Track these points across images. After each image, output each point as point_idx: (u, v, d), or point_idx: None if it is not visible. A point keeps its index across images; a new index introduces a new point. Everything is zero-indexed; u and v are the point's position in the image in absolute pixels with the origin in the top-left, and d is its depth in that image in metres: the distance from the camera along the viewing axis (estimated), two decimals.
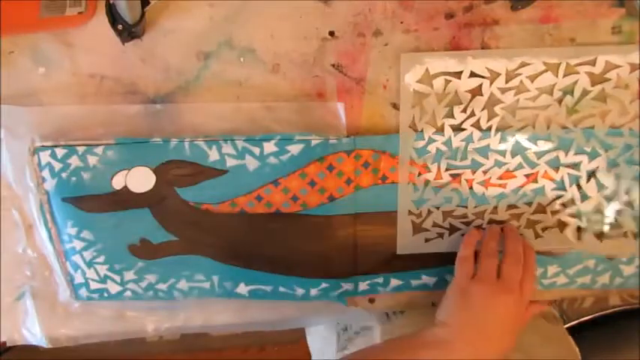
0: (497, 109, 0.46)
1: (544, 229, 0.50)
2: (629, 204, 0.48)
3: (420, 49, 0.45)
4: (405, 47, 0.45)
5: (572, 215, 0.49)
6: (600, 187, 0.48)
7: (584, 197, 0.48)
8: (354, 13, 0.44)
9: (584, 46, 0.44)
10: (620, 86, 0.44)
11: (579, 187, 0.48)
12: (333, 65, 0.46)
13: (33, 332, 0.54)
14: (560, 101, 0.45)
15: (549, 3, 0.44)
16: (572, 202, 0.49)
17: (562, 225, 0.50)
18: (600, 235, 0.50)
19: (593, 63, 0.44)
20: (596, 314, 0.88)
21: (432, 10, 0.44)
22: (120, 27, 0.41)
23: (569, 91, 0.45)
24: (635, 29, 0.44)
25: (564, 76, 0.44)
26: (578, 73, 0.44)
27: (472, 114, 0.46)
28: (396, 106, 0.46)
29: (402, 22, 0.44)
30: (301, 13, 0.44)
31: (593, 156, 0.47)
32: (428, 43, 0.45)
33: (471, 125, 0.46)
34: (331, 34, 0.45)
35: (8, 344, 0.54)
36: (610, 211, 0.48)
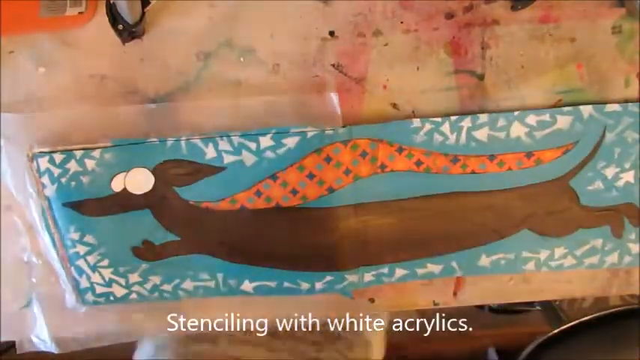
0: None
1: None
2: None
3: (420, 48, 0.45)
4: (405, 47, 0.45)
5: None
6: None
7: None
8: (354, 13, 0.44)
9: None
10: None
11: None
12: (333, 65, 0.46)
13: (42, 339, 0.53)
14: None
15: (549, 3, 0.44)
16: None
17: None
18: None
19: None
20: (596, 314, 0.88)
21: (432, 10, 0.44)
22: (120, 27, 0.41)
23: None
24: (635, 29, 0.45)
25: None
26: None
27: None
28: (396, 106, 0.46)
29: (402, 22, 0.44)
30: (301, 13, 0.44)
31: None
32: (428, 43, 0.45)
33: None
34: (331, 34, 0.45)
35: (18, 352, 0.53)
36: None
